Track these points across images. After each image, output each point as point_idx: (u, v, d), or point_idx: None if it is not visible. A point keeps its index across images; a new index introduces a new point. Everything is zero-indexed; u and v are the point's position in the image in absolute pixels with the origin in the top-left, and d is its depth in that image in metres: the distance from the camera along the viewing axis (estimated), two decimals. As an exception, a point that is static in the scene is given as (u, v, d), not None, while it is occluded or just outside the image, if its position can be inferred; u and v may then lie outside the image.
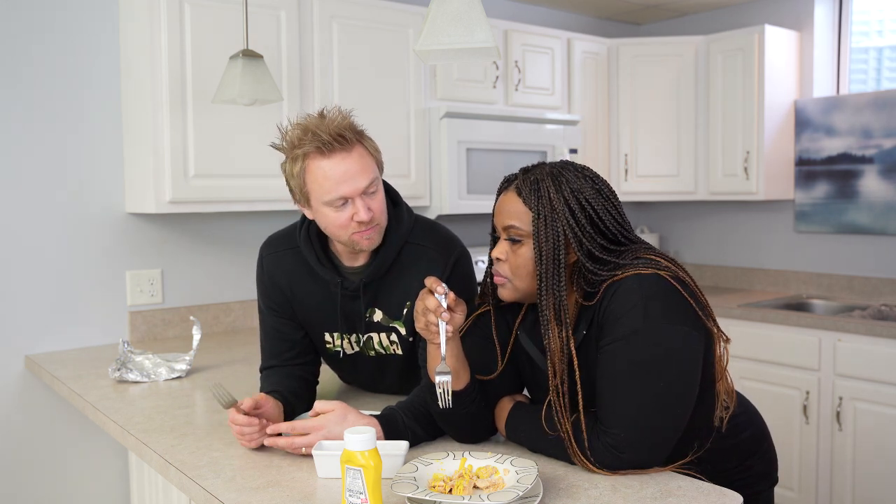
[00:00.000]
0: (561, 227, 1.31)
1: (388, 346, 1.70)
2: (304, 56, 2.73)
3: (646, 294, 1.26)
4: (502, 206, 1.39)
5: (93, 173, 2.63)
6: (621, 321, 1.26)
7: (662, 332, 1.24)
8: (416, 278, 1.59)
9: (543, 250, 1.31)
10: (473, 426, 1.47)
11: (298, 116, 1.58)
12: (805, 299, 3.64)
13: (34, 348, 2.54)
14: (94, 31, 2.61)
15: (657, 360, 1.24)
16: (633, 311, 1.25)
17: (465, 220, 3.58)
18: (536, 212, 1.32)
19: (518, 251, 1.35)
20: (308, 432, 1.40)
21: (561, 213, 1.31)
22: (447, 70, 3.16)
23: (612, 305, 1.28)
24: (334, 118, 1.50)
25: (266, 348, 1.75)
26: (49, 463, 2.56)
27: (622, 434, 1.26)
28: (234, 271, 2.95)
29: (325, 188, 1.48)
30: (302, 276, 1.67)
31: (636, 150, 3.83)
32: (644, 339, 1.24)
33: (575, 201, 1.32)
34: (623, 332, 1.26)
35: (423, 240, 1.64)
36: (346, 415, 1.40)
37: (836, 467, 3.07)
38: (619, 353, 1.26)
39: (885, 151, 3.46)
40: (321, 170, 1.48)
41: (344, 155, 1.48)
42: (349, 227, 1.52)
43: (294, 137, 1.50)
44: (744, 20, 3.97)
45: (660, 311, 1.25)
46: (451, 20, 1.35)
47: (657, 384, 1.24)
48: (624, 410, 1.26)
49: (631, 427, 1.25)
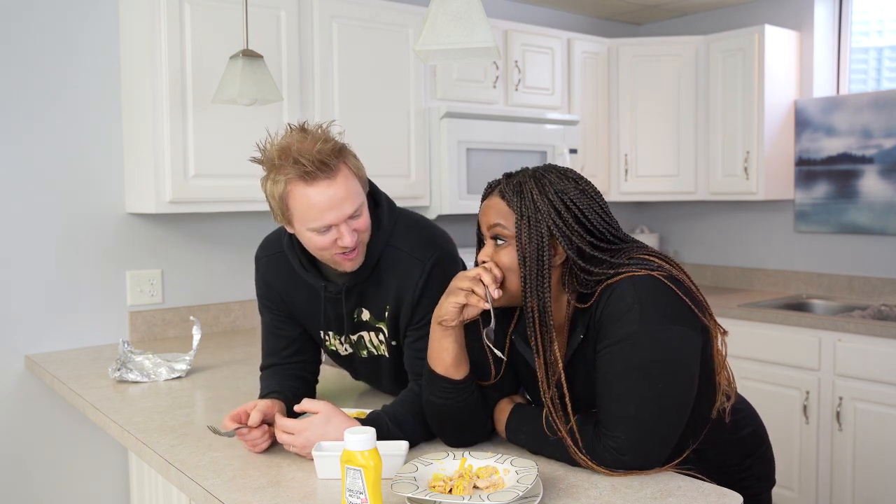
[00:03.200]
0: (546, 227, 1.30)
1: (378, 346, 1.70)
2: (304, 56, 2.73)
3: (641, 296, 1.25)
4: (486, 208, 1.38)
5: (93, 173, 2.63)
6: (618, 324, 1.26)
7: (659, 333, 1.25)
8: (393, 284, 1.59)
9: (527, 251, 1.30)
10: (470, 422, 1.45)
11: (280, 128, 1.51)
12: (805, 299, 3.64)
13: (34, 348, 2.54)
14: (94, 32, 2.61)
15: (655, 362, 1.24)
16: (629, 314, 1.25)
17: (465, 221, 3.58)
18: (520, 213, 1.31)
19: (502, 252, 1.35)
20: (292, 432, 1.40)
21: (545, 213, 1.30)
22: (447, 70, 3.15)
23: (608, 309, 1.27)
24: (316, 138, 1.44)
25: (265, 346, 1.76)
26: (49, 463, 2.56)
27: (622, 437, 1.26)
28: (234, 271, 2.95)
29: (310, 216, 1.44)
30: (293, 277, 1.67)
31: (636, 150, 3.82)
32: (641, 341, 1.24)
33: (559, 202, 1.31)
34: (620, 336, 1.25)
35: (402, 243, 1.60)
36: (330, 418, 1.40)
37: (836, 467, 3.07)
38: (617, 356, 1.26)
39: (885, 151, 3.45)
40: (306, 198, 1.42)
41: (328, 182, 1.42)
42: (332, 250, 1.49)
43: (274, 157, 1.43)
44: (744, 20, 3.97)
45: (655, 312, 1.25)
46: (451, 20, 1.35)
47: (656, 386, 1.24)
48: (623, 413, 1.26)
49: (631, 429, 1.25)
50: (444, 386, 1.40)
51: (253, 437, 1.45)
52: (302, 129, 1.47)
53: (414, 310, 1.59)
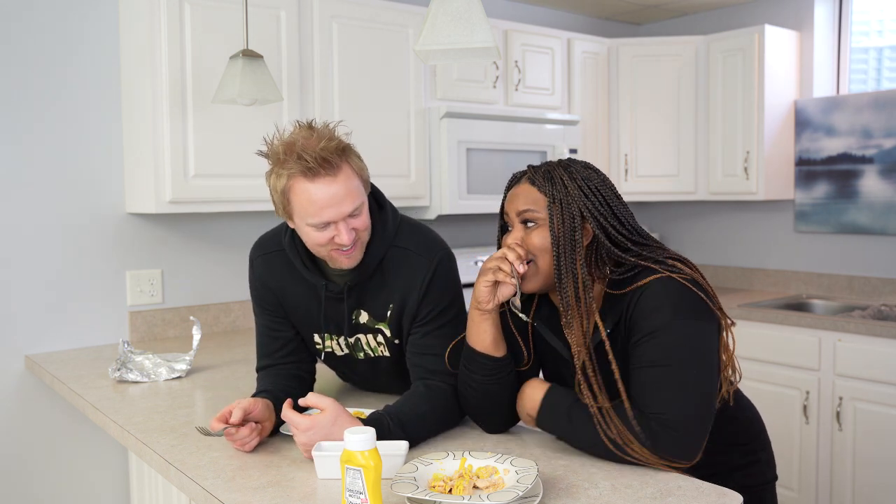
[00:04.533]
0: (577, 208, 1.39)
1: (376, 348, 1.70)
2: (304, 56, 2.73)
3: (671, 295, 1.35)
4: (514, 196, 1.45)
5: (93, 173, 2.63)
6: (651, 319, 1.34)
7: (689, 328, 1.34)
8: (398, 281, 1.60)
9: (560, 231, 1.38)
10: (509, 403, 1.51)
11: (288, 123, 1.55)
12: (805, 299, 3.64)
13: (34, 348, 2.54)
14: (94, 31, 2.61)
15: (691, 352, 1.33)
16: (661, 310, 1.34)
17: (465, 221, 3.58)
18: (552, 196, 1.39)
19: (533, 234, 1.41)
20: (298, 428, 1.40)
21: (575, 196, 1.39)
22: (447, 70, 3.15)
23: (641, 305, 1.36)
24: (322, 135, 1.47)
25: (260, 348, 1.75)
26: (49, 463, 2.56)
27: (667, 415, 1.30)
28: (234, 271, 2.95)
29: (310, 212, 1.46)
30: (290, 277, 1.67)
31: (636, 150, 3.83)
32: (675, 333, 1.33)
33: (587, 187, 1.41)
34: (655, 326, 1.33)
35: (407, 243, 1.63)
36: (336, 418, 1.40)
37: (836, 467, 3.07)
38: (654, 345, 1.33)
39: (885, 151, 3.46)
40: (306, 193, 1.45)
41: (329, 180, 1.45)
42: (328, 246, 1.51)
43: (279, 152, 1.47)
44: (744, 20, 3.97)
45: (685, 309, 1.35)
46: (451, 20, 1.35)
47: (692, 373, 1.32)
48: (666, 394, 1.30)
49: (675, 409, 1.30)
50: (485, 363, 1.47)
51: (241, 437, 1.45)
52: (309, 126, 1.50)
53: (419, 306, 1.60)
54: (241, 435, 1.45)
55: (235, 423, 1.44)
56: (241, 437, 1.45)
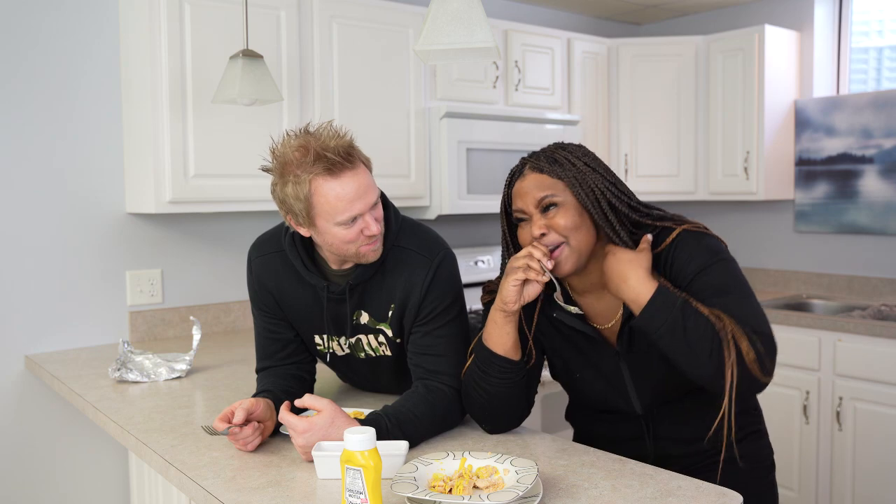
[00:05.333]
0: (591, 181, 1.42)
1: (377, 348, 1.70)
2: (304, 56, 2.73)
3: (702, 240, 1.42)
4: (523, 189, 1.44)
5: (93, 173, 2.63)
6: (694, 260, 1.40)
7: (731, 263, 1.42)
8: (399, 281, 1.60)
9: (588, 200, 1.40)
10: (518, 403, 1.53)
11: (283, 137, 1.52)
12: (805, 299, 3.64)
13: (34, 348, 2.54)
14: (94, 32, 2.61)
15: (741, 280, 1.40)
16: (702, 253, 1.40)
17: (465, 220, 3.58)
18: (566, 176, 1.41)
19: (558, 216, 1.41)
20: (295, 430, 1.40)
21: (584, 171, 1.42)
22: (447, 70, 3.15)
23: (679, 255, 1.41)
24: (330, 135, 1.47)
25: (260, 349, 1.75)
26: (49, 463, 2.56)
27: (761, 329, 1.34)
28: (234, 271, 2.95)
29: (339, 209, 1.45)
30: (289, 278, 1.67)
31: (636, 150, 3.82)
32: (723, 263, 1.40)
33: (589, 163, 1.45)
34: (701, 266, 1.39)
35: (408, 243, 1.63)
36: (333, 419, 1.40)
37: (836, 467, 3.07)
38: (715, 275, 1.38)
39: (885, 151, 3.46)
40: (333, 191, 1.44)
41: (352, 173, 1.46)
42: (357, 242, 1.51)
43: (293, 159, 1.44)
44: (744, 20, 3.97)
45: (721, 250, 1.43)
46: (451, 20, 1.35)
47: (753, 296, 1.39)
48: (749, 311, 1.35)
49: (765, 326, 1.36)
50: (503, 366, 1.46)
51: (244, 436, 1.45)
52: (307, 131, 1.49)
53: (420, 305, 1.60)
54: (244, 435, 1.45)
55: (238, 423, 1.44)
56: (244, 436, 1.46)
